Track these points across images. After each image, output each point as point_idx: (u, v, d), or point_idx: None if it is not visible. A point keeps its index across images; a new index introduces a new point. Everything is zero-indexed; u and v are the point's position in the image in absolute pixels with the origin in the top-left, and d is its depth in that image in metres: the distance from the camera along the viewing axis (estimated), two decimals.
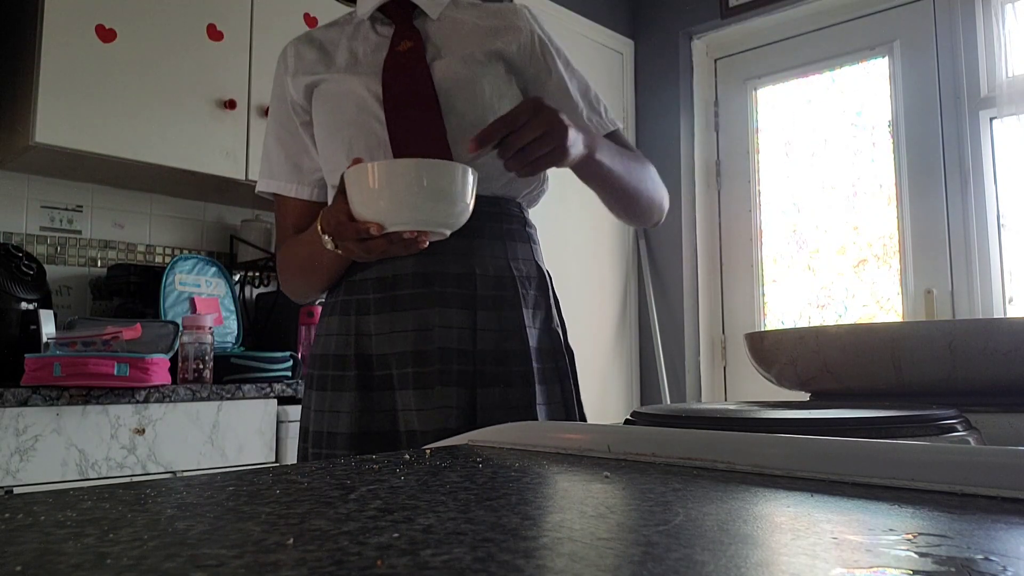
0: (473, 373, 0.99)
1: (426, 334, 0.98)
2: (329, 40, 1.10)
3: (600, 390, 2.92)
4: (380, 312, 1.00)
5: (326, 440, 1.01)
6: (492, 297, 1.01)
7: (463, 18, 1.08)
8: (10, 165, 2.16)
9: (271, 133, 1.13)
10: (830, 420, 0.57)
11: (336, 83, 1.04)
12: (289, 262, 1.09)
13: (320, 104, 1.06)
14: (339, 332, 1.03)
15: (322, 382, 1.04)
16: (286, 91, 1.10)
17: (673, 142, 3.10)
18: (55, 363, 1.70)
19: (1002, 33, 2.55)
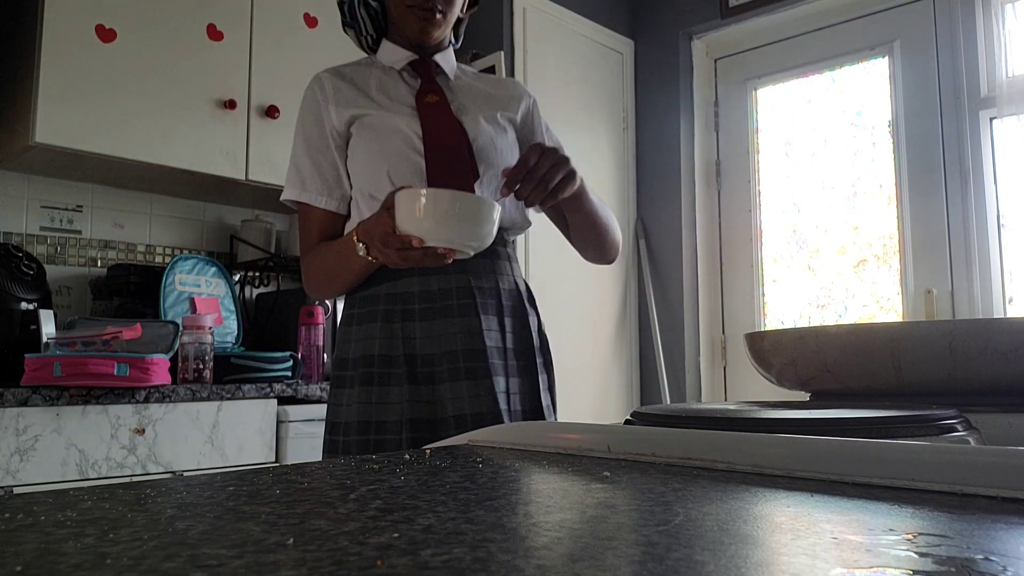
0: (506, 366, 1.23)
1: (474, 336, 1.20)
2: (361, 79, 1.28)
3: (600, 390, 2.92)
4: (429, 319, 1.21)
5: (375, 428, 1.18)
6: (511, 307, 1.27)
7: (475, 84, 1.33)
8: (10, 165, 2.16)
9: (303, 150, 1.28)
10: (830, 420, 0.57)
11: (379, 118, 1.23)
12: (319, 265, 1.26)
13: (363, 133, 1.24)
14: (382, 336, 1.21)
15: (367, 378, 1.20)
16: (324, 117, 1.26)
17: (673, 142, 3.10)
18: (55, 363, 1.70)
19: (1002, 33, 2.55)
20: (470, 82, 1.34)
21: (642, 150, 3.20)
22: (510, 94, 1.34)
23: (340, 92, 1.26)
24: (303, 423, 2.04)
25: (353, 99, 1.25)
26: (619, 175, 3.11)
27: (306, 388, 2.08)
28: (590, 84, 3.01)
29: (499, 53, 2.68)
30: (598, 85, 3.06)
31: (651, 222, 3.14)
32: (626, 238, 3.11)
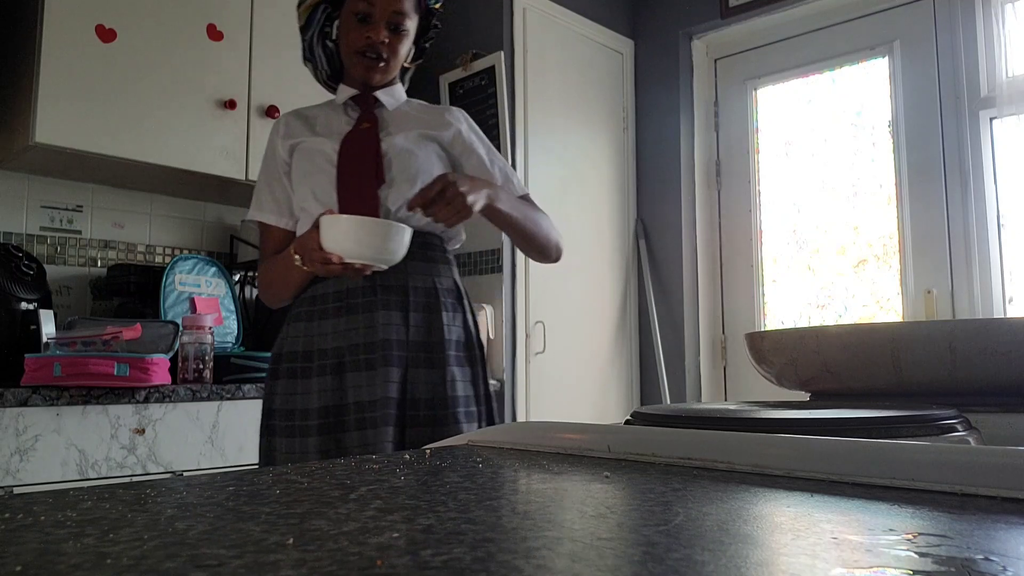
0: (406, 357, 1.38)
1: (372, 330, 1.36)
2: (313, 115, 1.51)
3: (600, 390, 2.92)
4: (336, 316, 1.38)
5: (299, 415, 1.36)
6: (421, 303, 1.42)
7: (410, 112, 1.52)
8: (10, 165, 2.16)
9: (263, 178, 1.51)
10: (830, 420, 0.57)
11: (311, 144, 1.45)
12: (268, 275, 1.47)
13: (298, 158, 1.46)
14: (304, 334, 1.40)
15: (291, 372, 1.40)
16: (277, 150, 1.49)
17: (673, 142, 3.10)
18: (55, 363, 1.70)
19: (1002, 33, 2.55)
20: (408, 110, 1.52)
21: (642, 150, 3.20)
22: (441, 120, 1.51)
23: (290, 127, 1.48)
24: None
25: (298, 131, 1.47)
26: (619, 175, 3.11)
27: None
28: (590, 84, 3.01)
29: (499, 53, 2.68)
30: (598, 85, 3.06)
31: (651, 222, 3.14)
32: (626, 238, 3.11)
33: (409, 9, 1.45)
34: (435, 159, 1.47)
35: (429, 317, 1.41)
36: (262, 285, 1.50)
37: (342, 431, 1.35)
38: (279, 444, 1.38)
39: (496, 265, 2.64)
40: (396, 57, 1.47)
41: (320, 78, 1.56)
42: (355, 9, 1.42)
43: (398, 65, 1.50)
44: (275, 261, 1.44)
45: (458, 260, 2.74)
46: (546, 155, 2.79)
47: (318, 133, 1.46)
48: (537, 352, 2.68)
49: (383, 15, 1.42)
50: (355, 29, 1.43)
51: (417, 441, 1.34)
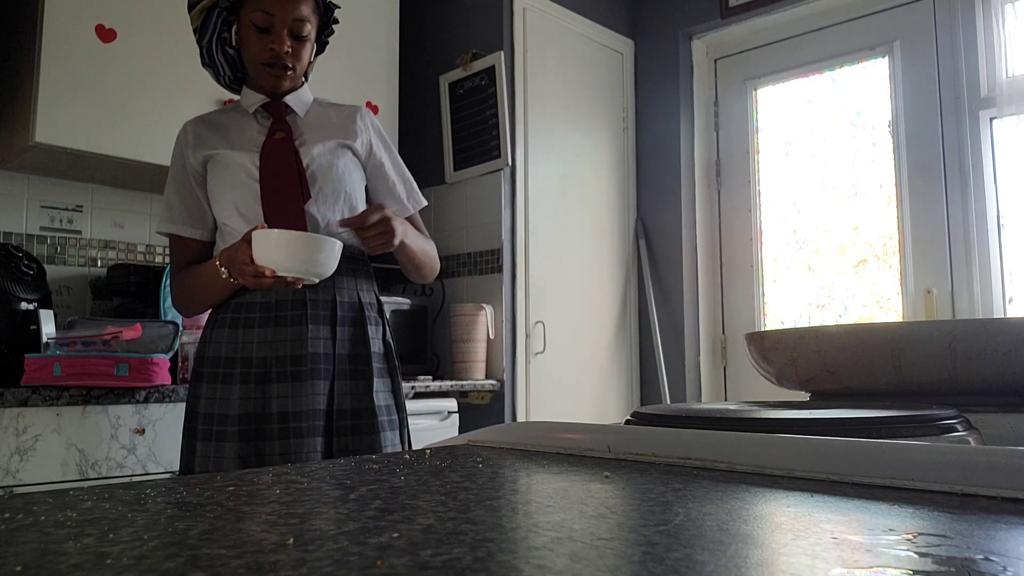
0: (333, 370, 1.41)
1: (301, 343, 1.38)
2: (221, 123, 1.49)
3: (600, 390, 2.92)
4: (264, 326, 1.39)
5: (217, 420, 1.37)
6: (348, 317, 1.44)
7: (321, 117, 1.51)
8: (10, 165, 2.16)
9: (172, 189, 1.49)
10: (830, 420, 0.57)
11: (227, 157, 1.44)
12: (187, 286, 1.46)
13: (214, 170, 1.45)
14: (228, 340, 1.40)
15: (213, 377, 1.40)
16: (186, 160, 1.47)
17: (673, 142, 3.10)
18: (55, 363, 1.70)
19: (1002, 33, 2.55)
20: (318, 116, 1.52)
21: (642, 150, 3.20)
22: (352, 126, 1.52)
23: (200, 137, 1.47)
24: None
25: (210, 142, 1.46)
26: (619, 175, 3.11)
27: None
28: (590, 84, 3.01)
29: (499, 53, 2.68)
30: (598, 85, 3.06)
31: (651, 222, 3.14)
32: (626, 238, 3.11)
33: (309, 13, 1.44)
34: (353, 169, 1.50)
35: (355, 331, 1.45)
36: (178, 296, 1.49)
37: (263, 439, 1.36)
38: (199, 448, 1.38)
39: (496, 265, 2.64)
40: (301, 63, 1.47)
41: (223, 83, 1.54)
42: (254, 20, 1.40)
43: (303, 68, 1.49)
44: (195, 273, 1.44)
45: (458, 260, 2.76)
46: (546, 155, 2.79)
47: (232, 144, 1.45)
48: (537, 352, 2.68)
49: (283, 24, 1.41)
50: (256, 41, 1.42)
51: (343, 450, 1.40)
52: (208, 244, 1.49)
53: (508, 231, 2.65)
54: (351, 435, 1.40)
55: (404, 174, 1.61)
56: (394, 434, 1.46)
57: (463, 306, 2.58)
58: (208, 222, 1.48)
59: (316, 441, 1.36)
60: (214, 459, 1.35)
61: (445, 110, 2.83)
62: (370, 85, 2.57)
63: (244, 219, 1.41)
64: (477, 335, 2.57)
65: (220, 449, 1.35)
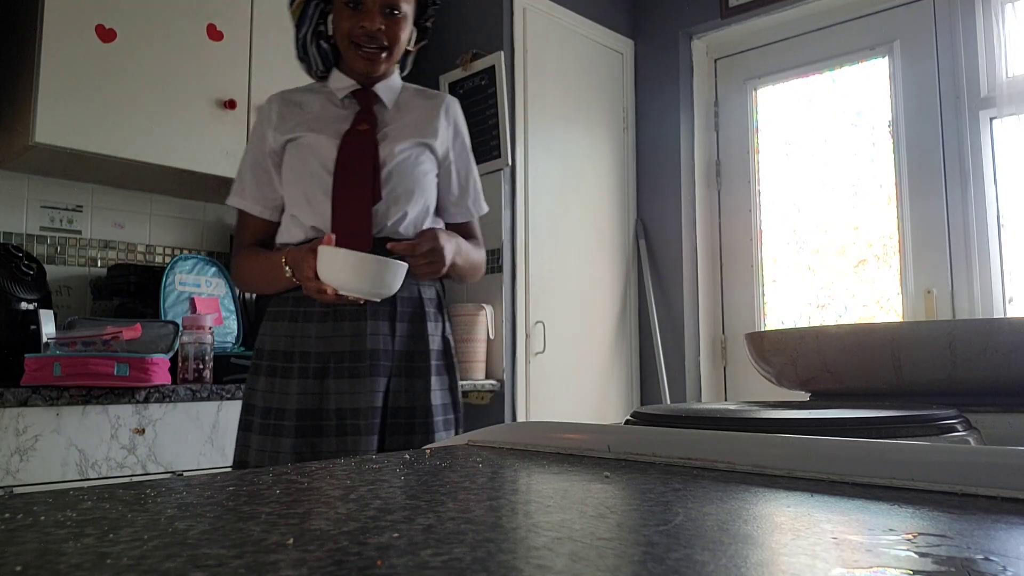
0: (391, 367, 1.39)
1: (360, 339, 1.36)
2: (305, 103, 1.45)
3: (600, 390, 2.92)
4: (323, 321, 1.37)
5: (275, 414, 1.36)
6: (407, 313, 1.42)
7: (407, 109, 1.47)
8: (10, 165, 2.16)
9: (247, 164, 1.48)
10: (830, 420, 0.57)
11: (308, 140, 1.40)
12: (250, 268, 1.46)
13: (292, 153, 1.41)
14: (286, 334, 1.39)
15: (271, 370, 1.39)
16: (265, 139, 1.44)
17: (673, 142, 3.10)
18: (55, 363, 1.70)
19: (1002, 33, 2.55)
20: (405, 107, 1.48)
21: (642, 150, 3.20)
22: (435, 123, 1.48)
23: (283, 117, 1.44)
24: None
25: (292, 123, 1.42)
26: (619, 175, 3.11)
27: None
28: (590, 84, 3.01)
29: (499, 53, 2.68)
30: (598, 85, 3.06)
31: (651, 222, 3.14)
32: (626, 238, 3.11)
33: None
34: (429, 170, 1.46)
35: (414, 327, 1.42)
36: (240, 273, 1.49)
37: (319, 435, 1.34)
38: (255, 441, 1.37)
39: (496, 265, 2.65)
40: (397, 44, 1.41)
41: (314, 76, 1.52)
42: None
43: (400, 52, 1.44)
44: (259, 258, 1.43)
45: None
46: (546, 155, 2.79)
47: (312, 127, 1.41)
48: (537, 352, 2.68)
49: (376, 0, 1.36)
50: (348, 18, 1.38)
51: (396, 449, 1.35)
52: (274, 224, 1.47)
53: (508, 231, 2.65)
54: (404, 434, 1.38)
55: (473, 177, 1.57)
56: (448, 434, 1.43)
57: (463, 306, 2.58)
58: (277, 202, 1.46)
59: (372, 440, 1.33)
60: (270, 453, 1.34)
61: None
62: None
63: (312, 211, 1.38)
64: (477, 335, 2.57)
65: (277, 444, 1.33)
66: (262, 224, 1.48)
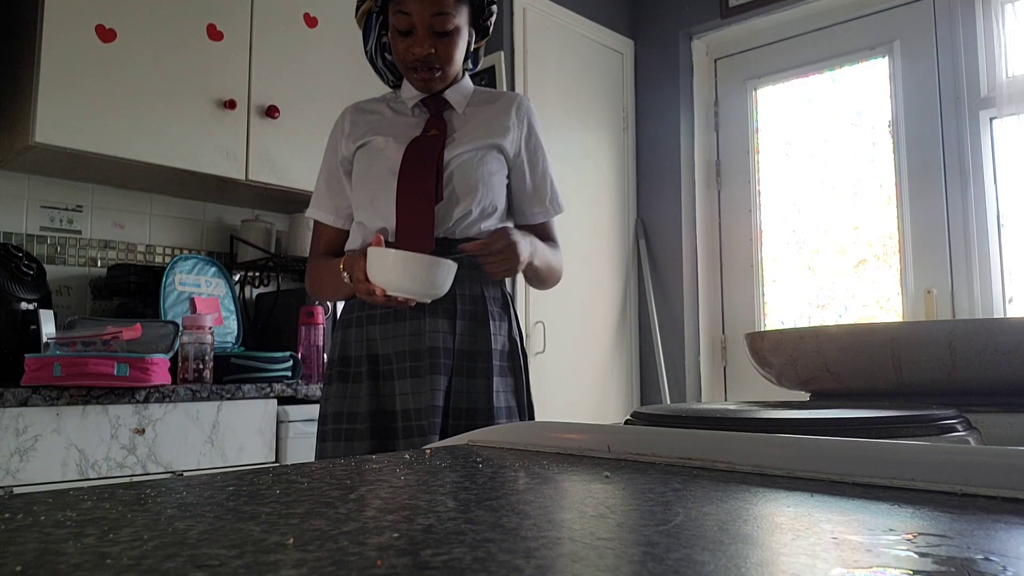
0: (452, 366, 1.36)
1: (419, 337, 1.35)
2: (377, 111, 1.48)
3: (600, 390, 2.92)
4: (384, 323, 1.37)
5: (347, 418, 1.37)
6: (468, 311, 1.39)
7: (478, 112, 1.46)
8: (10, 165, 2.16)
9: (323, 175, 1.51)
10: (830, 420, 0.57)
11: (376, 146, 1.42)
12: (317, 276, 1.49)
13: (361, 158, 1.43)
14: (355, 340, 1.40)
15: (343, 376, 1.40)
16: (339, 148, 1.47)
17: (673, 142, 3.10)
18: (55, 363, 1.70)
19: (1002, 33, 2.55)
20: (475, 110, 1.47)
21: (642, 150, 3.20)
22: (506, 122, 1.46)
23: (355, 125, 1.46)
24: (303, 423, 2.04)
25: (364, 130, 1.44)
26: (619, 175, 3.11)
27: (306, 388, 2.08)
28: (590, 84, 3.01)
29: (499, 53, 2.68)
30: (598, 85, 3.05)
31: (651, 222, 3.14)
32: (626, 238, 3.11)
33: (452, 5, 1.35)
34: (496, 170, 1.43)
35: (476, 325, 1.39)
36: (311, 281, 1.51)
37: (392, 437, 1.34)
38: (330, 448, 1.36)
39: None
40: (451, 63, 1.41)
41: (388, 84, 1.54)
42: (395, 24, 1.37)
43: (456, 67, 1.44)
44: (325, 266, 1.44)
45: None
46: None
47: (382, 132, 1.42)
48: (537, 352, 2.68)
49: (423, 24, 1.35)
50: (400, 43, 1.39)
51: None
52: (346, 233, 1.48)
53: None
54: None
55: (548, 176, 1.55)
56: None
57: None
58: (350, 210, 1.47)
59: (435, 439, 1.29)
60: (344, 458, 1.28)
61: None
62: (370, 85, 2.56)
63: (377, 215, 1.38)
64: None
65: (350, 448, 1.34)
66: (335, 233, 1.49)
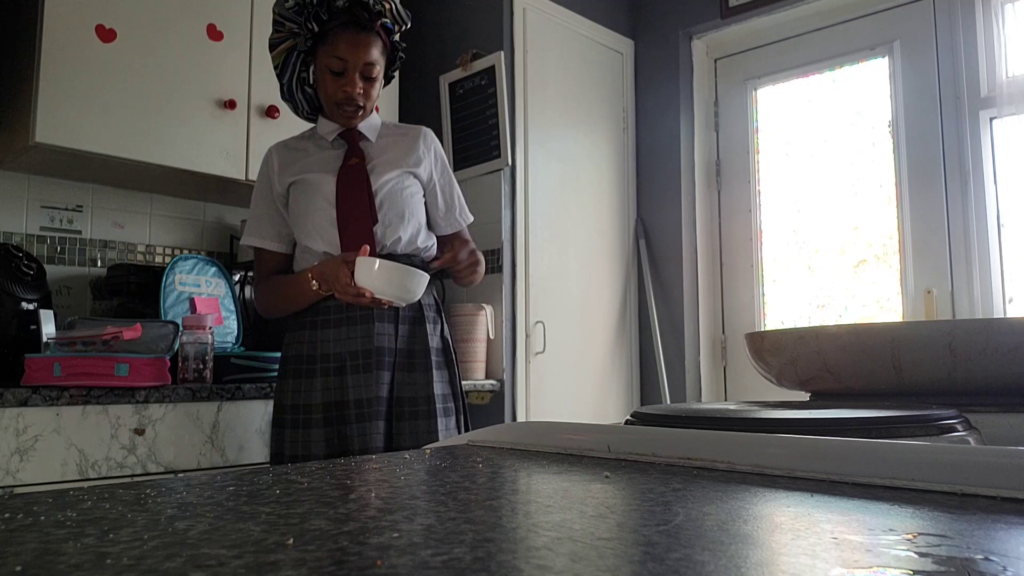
0: (395, 363, 1.60)
1: (369, 339, 1.58)
2: (302, 148, 1.68)
3: (600, 390, 2.92)
4: (338, 326, 1.60)
5: (303, 409, 1.58)
6: (408, 316, 1.63)
7: (389, 143, 1.70)
8: (10, 165, 2.16)
9: (258, 206, 1.69)
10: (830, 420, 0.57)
11: (308, 182, 1.62)
12: (273, 294, 1.67)
13: (297, 193, 1.64)
14: (308, 340, 1.61)
15: (297, 372, 1.60)
16: (272, 183, 1.67)
17: (673, 142, 3.10)
18: (55, 363, 1.70)
19: (1002, 33, 2.55)
20: (388, 141, 1.71)
21: (642, 150, 3.20)
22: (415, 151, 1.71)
23: (284, 163, 1.66)
24: None
25: (293, 167, 1.65)
26: (619, 175, 3.11)
27: None
28: (590, 84, 3.01)
29: (499, 53, 2.68)
30: (598, 85, 3.06)
31: (651, 222, 3.14)
32: (626, 238, 3.11)
33: (378, 56, 1.61)
34: (415, 192, 1.69)
35: (415, 328, 1.64)
36: (264, 301, 1.70)
37: (344, 423, 1.56)
38: (288, 435, 1.58)
39: (496, 265, 2.65)
40: (371, 101, 1.65)
41: (301, 116, 1.72)
42: (329, 65, 1.58)
43: (373, 104, 1.67)
44: (284, 284, 1.64)
45: None
46: (546, 155, 2.79)
47: (311, 169, 1.63)
48: (537, 352, 2.68)
49: (355, 68, 1.58)
50: (331, 83, 1.59)
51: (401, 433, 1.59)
52: (288, 257, 1.70)
53: (508, 231, 2.65)
54: (409, 419, 1.59)
55: (456, 193, 1.79)
56: (449, 420, 1.63)
57: (463, 306, 2.58)
58: (290, 237, 1.69)
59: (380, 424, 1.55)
60: (302, 443, 1.55)
61: (445, 110, 2.83)
62: None
63: (322, 240, 1.60)
64: (477, 335, 2.57)
65: (307, 435, 1.55)
66: (279, 257, 1.70)
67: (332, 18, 1.57)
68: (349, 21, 1.56)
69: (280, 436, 1.60)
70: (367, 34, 1.58)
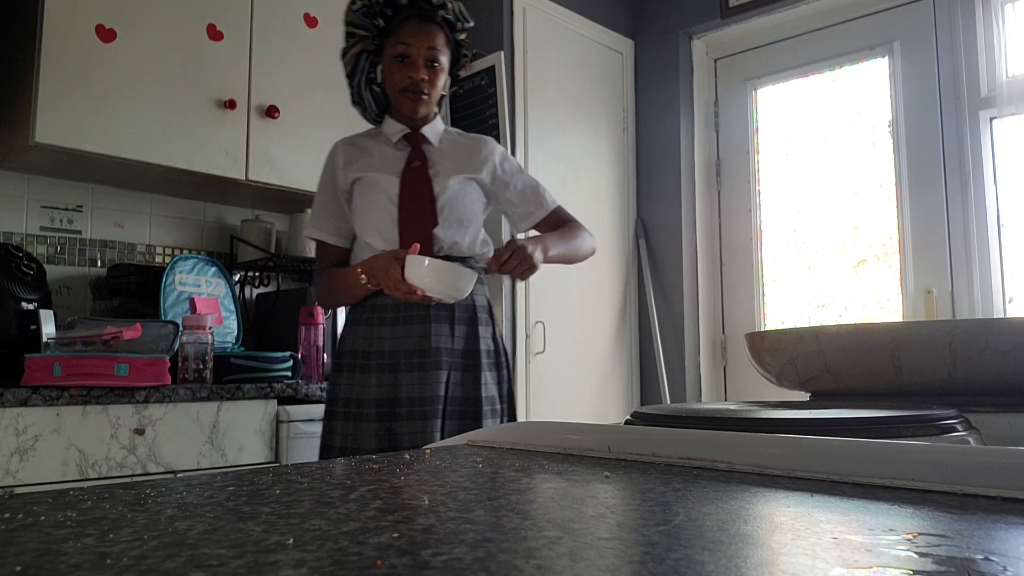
0: (451, 362, 1.63)
1: (425, 339, 1.61)
2: (366, 147, 1.71)
3: (600, 390, 2.92)
4: (394, 324, 1.62)
5: (356, 403, 1.60)
6: (464, 318, 1.66)
7: (452, 148, 1.73)
8: (10, 165, 2.16)
9: (322, 200, 1.73)
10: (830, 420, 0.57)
11: (373, 180, 1.66)
12: (330, 286, 1.70)
13: (361, 190, 1.67)
14: (364, 336, 1.64)
15: (352, 367, 1.63)
16: (336, 177, 1.70)
17: (673, 142, 3.10)
18: (55, 363, 1.70)
19: (1002, 33, 2.55)
20: (450, 147, 1.73)
21: (642, 150, 3.20)
22: (478, 157, 1.73)
23: (349, 159, 1.69)
24: (303, 423, 2.04)
25: (357, 164, 1.68)
26: (619, 175, 3.11)
27: (306, 388, 2.08)
28: (590, 84, 3.01)
29: (499, 53, 2.68)
30: (598, 85, 3.05)
31: (651, 222, 3.14)
32: (626, 238, 3.11)
33: (442, 46, 1.67)
34: (476, 199, 1.72)
35: (469, 329, 1.67)
36: (320, 292, 1.75)
37: (395, 420, 1.59)
38: (339, 427, 1.61)
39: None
40: (435, 90, 1.68)
41: (368, 118, 1.76)
42: (395, 52, 1.63)
43: (438, 96, 1.71)
44: (337, 276, 1.67)
45: None
46: (546, 155, 2.79)
47: (376, 168, 1.66)
48: (537, 352, 2.68)
49: (420, 54, 1.63)
50: (397, 70, 1.64)
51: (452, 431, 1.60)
52: (346, 251, 1.73)
53: (508, 231, 2.65)
54: (458, 419, 1.62)
55: (530, 184, 1.80)
56: (495, 421, 1.67)
57: None
58: (349, 232, 1.72)
59: (436, 423, 1.58)
60: (352, 436, 1.59)
61: (445, 110, 2.83)
62: None
63: (382, 237, 1.63)
64: None
65: (359, 429, 1.58)
66: (337, 251, 1.73)
67: (396, 14, 1.64)
68: (413, 14, 1.64)
69: (331, 428, 1.63)
70: (430, 24, 1.65)
